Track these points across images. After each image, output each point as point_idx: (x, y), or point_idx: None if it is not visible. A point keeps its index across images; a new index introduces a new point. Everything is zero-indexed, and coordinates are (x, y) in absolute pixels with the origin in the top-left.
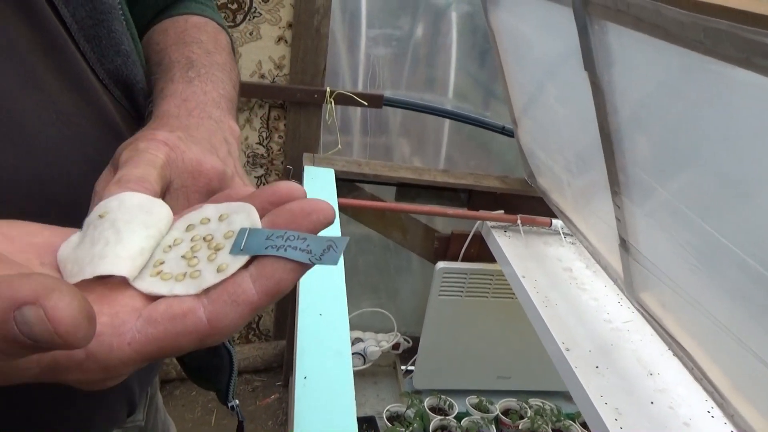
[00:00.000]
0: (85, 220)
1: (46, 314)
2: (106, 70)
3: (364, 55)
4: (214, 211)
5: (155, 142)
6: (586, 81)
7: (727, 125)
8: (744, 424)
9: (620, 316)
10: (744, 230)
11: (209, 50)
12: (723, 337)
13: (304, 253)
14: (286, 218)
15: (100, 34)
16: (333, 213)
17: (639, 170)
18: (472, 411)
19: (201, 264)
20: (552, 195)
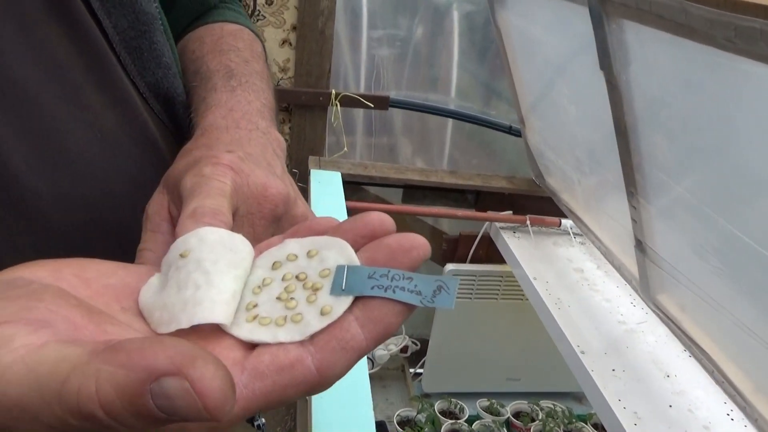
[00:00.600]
0: (163, 259)
1: (192, 386)
2: (146, 83)
3: (368, 56)
4: (300, 247)
5: (221, 167)
6: (600, 80)
7: (756, 124)
8: None
9: (634, 317)
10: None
11: (247, 59)
12: (746, 339)
13: (413, 294)
14: (385, 254)
15: (142, 45)
16: (429, 249)
17: (657, 170)
18: (483, 414)
19: (300, 306)
20: (562, 195)
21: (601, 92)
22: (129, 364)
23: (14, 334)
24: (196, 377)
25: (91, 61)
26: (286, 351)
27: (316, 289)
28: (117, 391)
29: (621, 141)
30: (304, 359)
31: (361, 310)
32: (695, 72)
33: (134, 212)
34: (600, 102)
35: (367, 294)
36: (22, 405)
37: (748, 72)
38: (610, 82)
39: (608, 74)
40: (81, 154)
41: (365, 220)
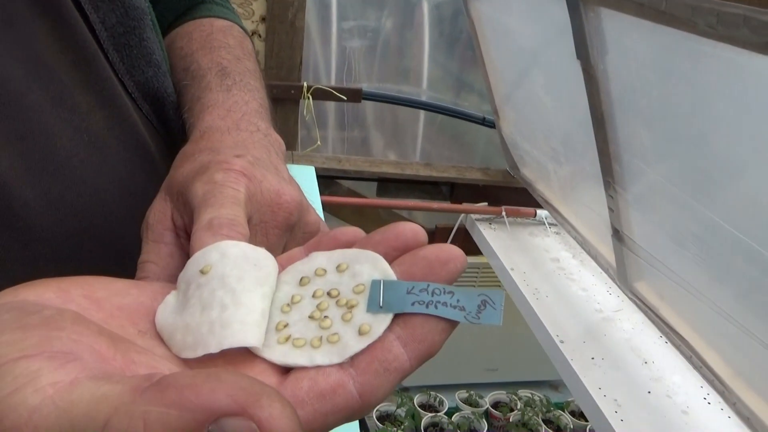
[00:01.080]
0: (179, 276)
1: (260, 427)
2: (135, 83)
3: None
4: (328, 261)
5: (233, 174)
6: (576, 69)
7: (736, 111)
8: (747, 411)
9: (610, 306)
10: (748, 215)
11: (239, 56)
12: (725, 325)
13: (456, 310)
14: (423, 267)
15: (131, 42)
16: (466, 261)
17: (635, 159)
18: (462, 406)
19: (336, 325)
20: (537, 185)
21: (577, 82)
22: (182, 404)
23: (39, 369)
24: (264, 417)
25: (78, 59)
26: (326, 375)
27: (351, 307)
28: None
29: (598, 130)
30: (345, 384)
31: (402, 329)
32: (675, 60)
33: (127, 220)
34: (576, 91)
35: (408, 311)
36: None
37: (730, 59)
38: (587, 71)
39: (585, 63)
40: (69, 159)
41: (397, 231)
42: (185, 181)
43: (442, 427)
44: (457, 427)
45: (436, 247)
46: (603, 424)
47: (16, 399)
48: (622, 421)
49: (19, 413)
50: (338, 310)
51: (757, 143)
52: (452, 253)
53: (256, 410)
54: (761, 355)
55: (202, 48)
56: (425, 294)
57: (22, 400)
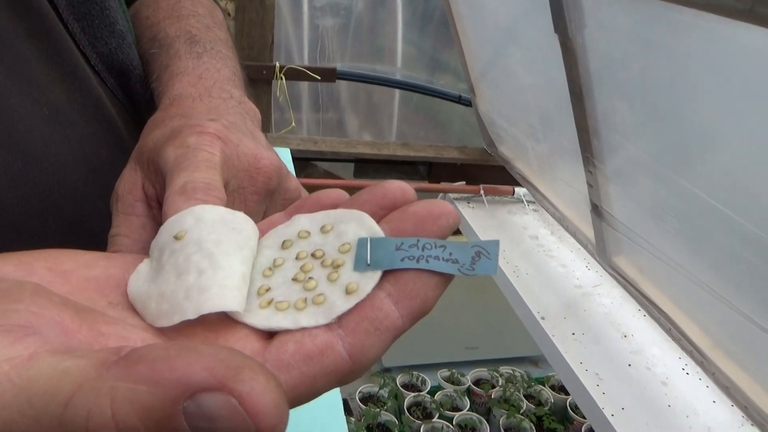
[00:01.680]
0: (152, 244)
1: (241, 403)
2: (98, 55)
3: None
4: (311, 222)
5: (207, 137)
6: (554, 44)
7: (717, 82)
8: (726, 380)
9: (589, 281)
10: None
11: (209, 25)
12: (703, 297)
13: (449, 263)
14: (413, 224)
15: (93, 12)
16: (458, 216)
17: (614, 133)
18: (444, 384)
19: (321, 286)
20: (515, 163)
21: (554, 57)
22: (153, 379)
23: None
24: (245, 392)
25: (34, 29)
26: (313, 337)
27: (336, 266)
28: (139, 413)
29: (576, 105)
30: (333, 345)
31: (393, 286)
32: (654, 31)
33: (93, 197)
34: (554, 67)
35: (398, 267)
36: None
37: (711, 29)
38: (565, 45)
39: (563, 37)
40: (28, 133)
41: (384, 189)
42: (155, 147)
43: (425, 406)
44: (440, 405)
45: (426, 203)
46: (585, 397)
47: None
48: (604, 394)
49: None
50: (323, 270)
51: (737, 114)
52: (444, 208)
53: (237, 384)
54: (739, 325)
55: (170, 17)
56: (415, 249)
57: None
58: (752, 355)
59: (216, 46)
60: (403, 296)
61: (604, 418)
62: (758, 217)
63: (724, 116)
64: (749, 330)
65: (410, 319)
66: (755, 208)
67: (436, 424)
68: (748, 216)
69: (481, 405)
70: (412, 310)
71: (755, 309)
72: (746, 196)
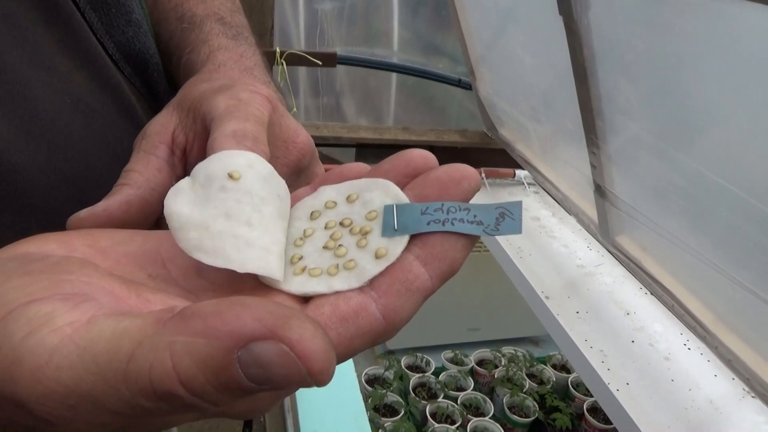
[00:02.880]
0: (199, 165)
1: (292, 349)
2: (116, 44)
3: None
4: (337, 193)
5: (259, 96)
6: (556, 26)
7: (720, 60)
8: (728, 353)
9: (591, 261)
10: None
11: (232, 9)
12: (706, 272)
13: (474, 225)
14: (436, 189)
15: (109, 1)
16: (480, 179)
17: (619, 114)
18: (448, 365)
19: (351, 252)
20: (516, 145)
21: (557, 38)
22: (208, 332)
23: (53, 311)
24: (294, 338)
25: (53, 19)
26: (347, 299)
27: (365, 233)
28: (198, 364)
29: (581, 87)
30: (367, 306)
31: (420, 249)
32: (660, 11)
33: None
34: (556, 48)
35: (424, 230)
36: (80, 392)
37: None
38: (569, 26)
39: (567, 19)
40: (53, 122)
41: (407, 158)
42: (203, 95)
43: (429, 387)
44: (444, 386)
45: (448, 167)
46: (591, 374)
47: (33, 341)
48: (609, 371)
49: (38, 354)
50: (352, 237)
51: (740, 92)
52: (466, 171)
53: (287, 332)
54: (742, 298)
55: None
56: (440, 213)
57: (40, 341)
58: (754, 327)
59: (243, 31)
60: (432, 258)
61: (609, 394)
62: (761, 191)
63: (727, 94)
64: (752, 303)
65: (439, 280)
66: (758, 182)
67: (442, 404)
68: (751, 191)
69: (485, 385)
70: (441, 271)
71: (758, 281)
72: (749, 172)
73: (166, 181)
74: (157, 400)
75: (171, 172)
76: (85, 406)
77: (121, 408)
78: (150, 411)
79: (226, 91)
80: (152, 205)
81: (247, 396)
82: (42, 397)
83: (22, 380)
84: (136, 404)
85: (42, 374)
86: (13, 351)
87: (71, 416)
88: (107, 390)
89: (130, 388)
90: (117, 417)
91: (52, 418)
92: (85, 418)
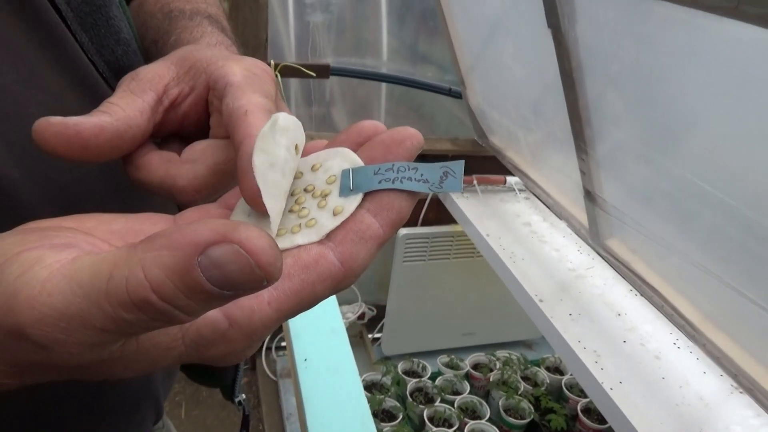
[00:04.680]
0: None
1: (242, 247)
2: (106, 62)
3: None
4: (303, 164)
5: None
6: (544, 35)
7: (704, 73)
8: (716, 350)
9: (582, 264)
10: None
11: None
12: (694, 273)
13: (420, 183)
14: (380, 150)
15: (98, 21)
16: (422, 139)
17: (606, 122)
18: (444, 370)
19: (313, 213)
20: (507, 153)
21: (545, 48)
22: (172, 245)
23: (41, 255)
24: (243, 238)
25: (45, 40)
26: (308, 251)
27: (325, 195)
28: (166, 271)
29: (569, 96)
30: (326, 254)
31: (370, 203)
32: (646, 26)
33: (108, 195)
34: (546, 59)
35: (376, 188)
36: (70, 313)
37: (701, 24)
38: (558, 38)
39: (556, 31)
40: None
41: (359, 128)
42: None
43: (426, 391)
44: (441, 390)
45: (393, 130)
46: (585, 374)
47: (26, 277)
48: (602, 370)
49: (31, 286)
50: (314, 201)
51: (721, 101)
52: (407, 132)
53: (236, 235)
54: (728, 298)
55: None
56: (391, 172)
57: (33, 275)
58: (741, 325)
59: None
60: (380, 209)
61: (603, 393)
62: (741, 194)
63: (709, 103)
64: (738, 302)
65: (390, 227)
66: (738, 186)
67: (439, 408)
68: (733, 194)
69: (480, 388)
70: (390, 220)
71: (742, 281)
72: (730, 176)
73: (144, 126)
74: (135, 310)
75: (151, 118)
76: (75, 326)
77: (106, 324)
78: (131, 323)
79: (240, 62)
80: (123, 141)
81: (214, 302)
82: (37, 322)
83: (20, 309)
84: (118, 317)
85: (36, 301)
86: (10, 287)
87: (64, 338)
88: (92, 308)
89: (111, 302)
90: (104, 335)
91: (47, 342)
92: (77, 339)
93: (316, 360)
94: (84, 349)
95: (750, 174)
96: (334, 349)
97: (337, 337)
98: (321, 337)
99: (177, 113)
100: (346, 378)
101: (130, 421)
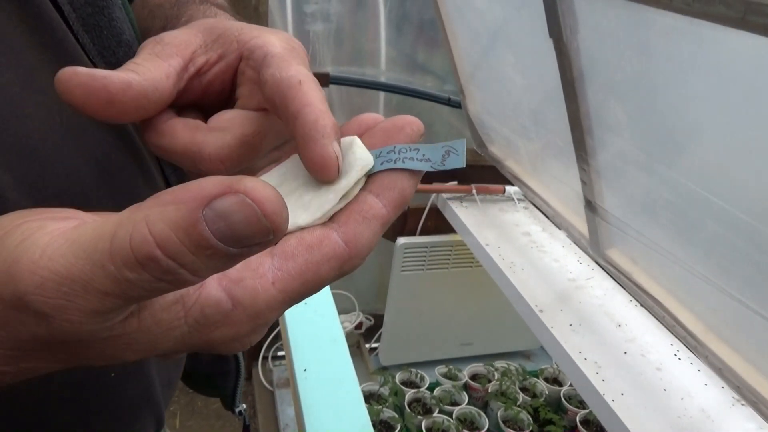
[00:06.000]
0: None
1: (248, 196)
2: (107, 64)
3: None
4: None
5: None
6: (545, 45)
7: (707, 83)
8: (719, 362)
9: (582, 274)
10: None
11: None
12: (696, 284)
13: (423, 162)
14: (381, 137)
15: (101, 23)
16: (422, 125)
17: (608, 132)
18: (442, 380)
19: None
20: (506, 162)
21: (545, 57)
22: (177, 199)
23: (43, 224)
24: (249, 187)
25: (47, 41)
26: (311, 231)
27: None
28: (171, 225)
29: (570, 105)
30: (330, 235)
31: (372, 184)
32: (649, 37)
33: (104, 200)
34: (546, 68)
35: (378, 169)
36: (72, 277)
37: (704, 35)
38: (559, 48)
39: (557, 41)
40: (44, 141)
41: (359, 120)
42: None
43: (424, 402)
44: (439, 400)
45: (392, 118)
46: (586, 385)
47: (27, 243)
48: (604, 381)
49: (32, 251)
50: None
51: (724, 111)
52: (407, 119)
53: (241, 185)
54: (731, 308)
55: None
56: (392, 154)
57: (33, 242)
58: (744, 336)
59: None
60: (382, 189)
61: (605, 404)
62: (744, 204)
63: (711, 113)
64: (741, 312)
65: (393, 208)
66: (741, 195)
67: (437, 419)
68: (735, 203)
69: (479, 399)
70: (392, 199)
71: (745, 291)
72: (732, 185)
73: (169, 90)
74: (140, 268)
75: (176, 84)
76: (77, 290)
77: (109, 287)
78: (135, 285)
79: (276, 34)
80: (148, 102)
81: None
82: (38, 287)
83: (20, 275)
84: (122, 278)
85: (36, 266)
86: (10, 255)
87: (65, 304)
88: (95, 270)
89: (115, 262)
90: (107, 299)
91: (48, 309)
92: (78, 305)
93: (316, 370)
94: (85, 317)
95: (753, 183)
96: (335, 360)
97: (337, 348)
98: (321, 347)
99: (201, 82)
100: (347, 389)
101: (129, 429)
